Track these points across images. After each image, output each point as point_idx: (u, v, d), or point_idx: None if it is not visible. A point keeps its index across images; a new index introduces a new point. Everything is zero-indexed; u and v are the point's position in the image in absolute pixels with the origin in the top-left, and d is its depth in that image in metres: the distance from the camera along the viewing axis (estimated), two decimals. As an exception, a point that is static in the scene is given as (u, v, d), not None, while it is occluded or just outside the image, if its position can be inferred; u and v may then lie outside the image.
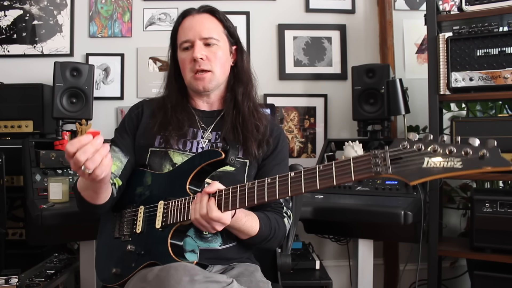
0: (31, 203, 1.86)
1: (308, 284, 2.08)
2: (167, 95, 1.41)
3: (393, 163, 0.89)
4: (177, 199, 1.19)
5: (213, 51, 1.32)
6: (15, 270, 1.74)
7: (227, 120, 1.35)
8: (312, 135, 2.71)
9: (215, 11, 1.37)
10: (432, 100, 2.06)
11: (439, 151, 0.84)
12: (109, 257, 1.30)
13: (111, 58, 2.66)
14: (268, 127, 1.37)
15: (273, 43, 2.72)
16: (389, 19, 2.65)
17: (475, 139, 0.83)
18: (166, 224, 1.20)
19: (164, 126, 1.33)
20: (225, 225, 1.13)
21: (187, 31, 1.33)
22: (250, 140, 1.32)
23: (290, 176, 1.02)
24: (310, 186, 0.99)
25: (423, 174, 0.85)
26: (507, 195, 1.92)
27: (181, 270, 1.03)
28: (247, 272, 1.25)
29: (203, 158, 1.21)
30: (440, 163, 0.84)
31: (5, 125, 2.30)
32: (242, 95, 1.38)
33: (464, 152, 0.82)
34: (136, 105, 1.44)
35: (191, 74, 1.33)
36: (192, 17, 1.35)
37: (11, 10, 2.63)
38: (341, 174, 0.95)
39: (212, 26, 1.34)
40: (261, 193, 1.06)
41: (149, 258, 1.20)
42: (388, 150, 0.90)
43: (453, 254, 2.20)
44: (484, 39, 1.97)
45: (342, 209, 1.84)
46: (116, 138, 1.39)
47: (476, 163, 0.81)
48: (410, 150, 0.87)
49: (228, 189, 1.11)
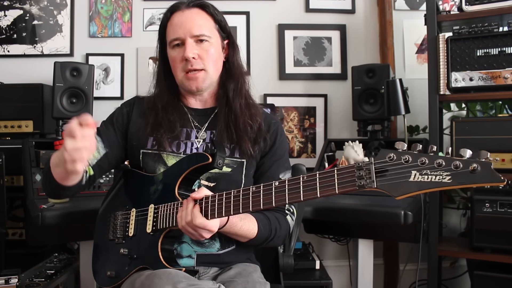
0: (31, 203, 1.86)
1: (308, 284, 2.08)
2: (157, 94, 1.34)
3: (379, 176, 0.85)
4: (167, 204, 1.18)
5: (205, 49, 1.26)
6: (15, 270, 1.74)
7: (220, 118, 1.30)
8: (312, 135, 2.71)
9: (205, 5, 1.29)
10: (432, 100, 2.06)
11: (427, 163, 0.80)
12: (104, 259, 1.30)
13: (111, 58, 2.66)
14: (263, 124, 1.32)
15: (273, 43, 2.72)
16: (389, 19, 2.65)
17: (467, 150, 0.78)
18: (156, 229, 1.19)
19: (156, 128, 1.29)
20: (212, 232, 1.10)
21: (177, 28, 1.26)
22: (244, 139, 1.27)
23: (274, 185, 1.00)
24: (294, 197, 0.97)
25: (410, 188, 0.82)
26: (507, 195, 1.91)
27: (164, 279, 1.03)
28: (245, 272, 1.24)
29: (190, 162, 1.18)
30: (428, 176, 0.80)
31: (5, 125, 2.30)
32: (233, 92, 1.31)
33: (454, 166, 0.78)
34: (128, 102, 1.40)
35: (182, 73, 1.27)
36: (182, 12, 1.27)
37: (11, 10, 2.63)
38: (325, 187, 0.92)
39: (203, 22, 1.27)
40: (246, 201, 1.04)
41: (141, 262, 1.20)
42: (373, 162, 0.86)
43: (453, 254, 2.20)
44: (484, 39, 1.97)
45: (342, 209, 1.84)
46: (101, 128, 1.34)
47: (466, 178, 0.77)
48: (397, 162, 0.83)
49: (214, 196, 1.08)
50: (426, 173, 0.80)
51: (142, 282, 1.07)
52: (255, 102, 1.37)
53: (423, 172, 0.80)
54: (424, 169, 0.81)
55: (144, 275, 1.09)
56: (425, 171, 0.80)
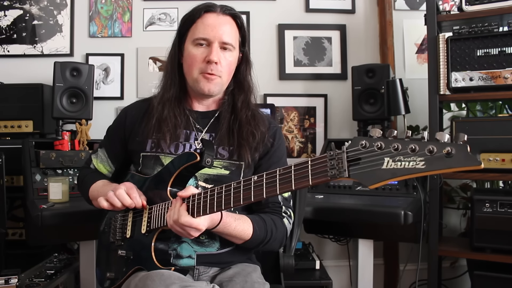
0: (31, 203, 1.86)
1: (308, 284, 2.08)
2: (168, 86, 1.32)
3: (351, 165, 0.81)
4: (160, 204, 1.19)
5: (226, 58, 1.27)
6: (15, 270, 1.74)
7: (223, 122, 1.32)
8: (312, 135, 2.71)
9: (238, 16, 1.31)
10: (432, 100, 2.06)
11: (400, 149, 0.75)
12: (105, 261, 1.32)
13: (111, 58, 2.66)
14: (265, 133, 1.32)
15: (273, 43, 2.72)
16: (389, 19, 2.65)
17: (445, 134, 0.73)
18: (150, 229, 1.20)
19: (158, 130, 1.29)
20: (200, 231, 1.09)
21: (209, 29, 1.25)
22: (244, 147, 1.28)
23: (253, 180, 0.99)
24: (271, 191, 0.96)
25: (382, 176, 0.77)
26: (507, 195, 1.91)
27: (157, 280, 1.03)
28: (244, 272, 1.24)
29: (180, 161, 1.19)
30: (401, 163, 0.75)
31: (5, 125, 2.30)
32: (242, 103, 1.33)
33: (428, 151, 0.72)
34: (129, 107, 1.42)
35: (198, 72, 1.27)
36: (217, 15, 1.27)
37: (11, 10, 2.63)
38: (299, 178, 0.90)
39: (232, 32, 1.28)
40: (227, 198, 1.03)
41: (137, 263, 1.21)
42: (345, 150, 0.82)
43: (453, 254, 2.20)
44: (484, 39, 1.97)
45: (342, 209, 1.84)
46: (107, 142, 1.41)
47: (441, 163, 0.71)
48: (370, 149, 0.78)
49: (200, 194, 1.09)
50: (399, 159, 0.75)
51: (135, 284, 1.08)
52: (261, 112, 1.38)
53: (396, 158, 0.75)
54: (397, 155, 0.75)
55: (138, 277, 1.10)
56: (398, 157, 0.75)
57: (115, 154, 1.40)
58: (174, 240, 1.23)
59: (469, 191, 2.44)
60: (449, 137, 0.73)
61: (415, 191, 1.99)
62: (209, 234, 1.24)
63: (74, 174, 2.05)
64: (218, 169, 1.27)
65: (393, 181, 0.77)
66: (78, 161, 2.06)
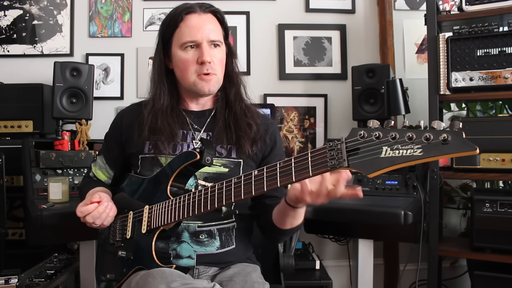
0: (31, 203, 1.86)
1: (308, 284, 2.08)
2: (157, 97, 1.31)
3: (350, 154, 0.83)
4: (160, 203, 1.19)
5: (217, 54, 1.28)
6: (15, 270, 1.74)
7: (219, 119, 1.32)
8: (312, 135, 2.71)
9: (218, 12, 1.31)
10: (432, 100, 2.06)
11: (398, 137, 0.77)
12: (105, 263, 1.33)
13: (111, 58, 2.66)
14: (261, 125, 1.34)
15: (273, 43, 2.72)
16: (389, 19, 2.65)
17: (441, 122, 0.75)
18: (150, 229, 1.20)
19: (154, 132, 1.28)
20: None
21: (194, 30, 1.25)
22: (244, 139, 1.29)
23: (254, 174, 1.00)
24: (271, 184, 0.96)
25: (381, 165, 0.78)
26: (507, 195, 1.91)
27: (158, 278, 1.03)
28: (243, 272, 1.24)
29: (180, 160, 1.20)
30: (399, 151, 0.77)
31: (5, 125, 2.30)
32: (235, 95, 1.34)
33: (424, 138, 0.74)
34: (124, 110, 1.41)
35: (195, 75, 1.26)
36: (198, 15, 1.27)
37: (11, 10, 2.63)
38: (300, 170, 0.91)
39: (216, 28, 1.29)
40: (228, 193, 1.05)
41: (138, 263, 1.21)
42: (344, 141, 0.84)
43: (453, 254, 2.20)
44: (484, 39, 1.97)
45: (342, 209, 1.84)
46: (105, 149, 1.42)
47: (437, 150, 0.73)
48: (368, 139, 0.80)
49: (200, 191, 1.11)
50: (397, 147, 0.77)
51: (137, 282, 1.08)
52: (252, 103, 1.39)
53: (394, 147, 0.77)
54: (395, 143, 0.77)
55: (139, 275, 1.11)
56: (396, 146, 0.77)
57: (113, 159, 1.40)
58: (174, 240, 1.23)
59: (469, 191, 2.44)
60: (443, 125, 0.74)
61: (415, 191, 1.99)
62: (209, 233, 1.25)
63: (74, 174, 2.05)
64: (217, 168, 1.27)
65: (392, 169, 0.79)
66: (78, 161, 2.06)
